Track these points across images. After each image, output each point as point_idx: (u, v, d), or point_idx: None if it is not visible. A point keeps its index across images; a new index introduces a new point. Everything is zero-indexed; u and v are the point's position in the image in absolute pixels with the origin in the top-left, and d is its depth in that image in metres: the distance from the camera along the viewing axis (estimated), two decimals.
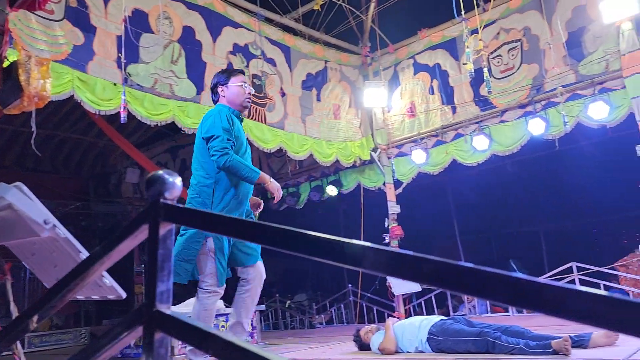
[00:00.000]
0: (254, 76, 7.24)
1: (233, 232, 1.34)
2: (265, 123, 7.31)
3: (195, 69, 6.52)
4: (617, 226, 13.03)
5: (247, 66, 7.21)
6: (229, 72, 3.66)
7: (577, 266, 7.44)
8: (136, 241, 1.21)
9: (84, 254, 2.15)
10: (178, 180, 1.15)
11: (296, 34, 8.25)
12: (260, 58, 7.34)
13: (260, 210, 3.81)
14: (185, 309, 5.67)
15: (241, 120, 3.62)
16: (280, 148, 7.54)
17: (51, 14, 5.29)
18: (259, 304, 8.92)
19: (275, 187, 3.60)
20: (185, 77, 6.41)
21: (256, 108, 7.20)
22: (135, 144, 9.54)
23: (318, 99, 8.30)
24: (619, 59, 6.69)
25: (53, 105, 8.19)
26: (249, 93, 3.65)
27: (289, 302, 11.93)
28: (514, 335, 3.65)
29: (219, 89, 3.58)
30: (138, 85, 5.88)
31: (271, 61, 7.60)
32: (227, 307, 6.31)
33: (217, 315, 5.73)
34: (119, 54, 5.68)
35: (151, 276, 1.08)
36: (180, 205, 1.15)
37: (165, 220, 1.11)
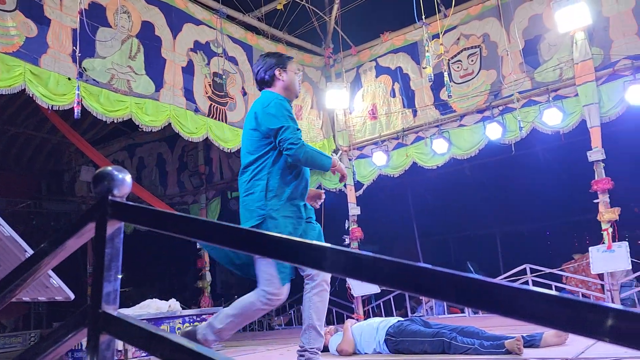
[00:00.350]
0: (215, 74, 7.14)
1: (187, 232, 1.30)
2: (226, 122, 7.22)
3: (154, 66, 6.39)
4: (569, 229, 13.48)
5: (208, 64, 7.11)
6: (285, 57, 3.30)
7: (530, 268, 7.64)
8: (82, 240, 1.16)
9: (30, 253, 2.05)
10: (128, 177, 1.10)
11: (259, 33, 8.19)
12: (221, 56, 7.25)
13: (321, 201, 3.41)
14: (140, 311, 5.53)
15: None
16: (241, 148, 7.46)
17: (2, 4, 5.08)
18: (215, 305, 8.81)
19: (343, 167, 3.23)
20: (143, 73, 6.26)
21: (217, 107, 7.10)
22: (90, 141, 9.27)
23: None
24: (572, 67, 6.92)
25: (3, 100, 7.88)
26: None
27: None
28: (469, 335, 3.71)
29: (277, 73, 3.18)
30: (94, 80, 5.71)
31: (233, 60, 7.52)
32: (183, 308, 6.19)
33: (173, 317, 5.61)
34: (74, 48, 5.51)
35: (97, 276, 1.03)
36: (130, 203, 1.10)
37: (113, 219, 1.07)
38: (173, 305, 5.76)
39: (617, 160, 6.97)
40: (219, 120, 7.11)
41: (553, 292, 0.67)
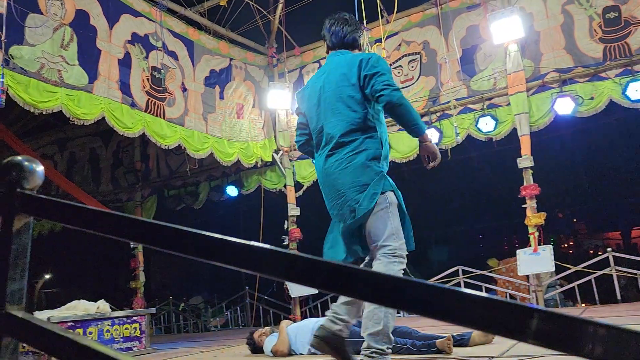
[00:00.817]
0: (154, 69, 6.93)
1: (106, 229, 1.22)
2: (164, 118, 7.02)
3: (88, 56, 6.12)
4: (500, 232, 14.08)
5: (147, 58, 6.89)
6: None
7: (462, 269, 7.89)
8: None
9: None
10: (39, 168, 1.03)
11: (201, 29, 8.03)
12: (160, 50, 7.05)
13: (435, 164, 2.88)
14: (65, 313, 5.26)
15: None
16: (180, 145, 7.28)
17: None
18: (148, 306, 8.55)
19: (435, 147, 2.81)
20: (76, 63, 5.99)
21: (154, 102, 6.89)
22: (17, 133, 8.76)
23: (221, 97, 8.12)
24: (505, 77, 7.21)
25: None
26: None
27: (182, 304, 11.54)
28: (402, 335, 3.77)
29: (359, 38, 2.98)
30: (22, 68, 5.40)
31: (173, 54, 7.33)
32: (113, 309, 5.96)
33: (101, 319, 5.39)
34: (0, 33, 5.18)
35: (2, 274, 0.96)
36: (42, 196, 1.03)
37: (21, 213, 0.99)
38: (102, 306, 5.52)
39: (544, 167, 7.33)
40: (156, 115, 6.91)
41: (477, 293, 0.67)
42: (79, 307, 5.37)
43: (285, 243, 8.68)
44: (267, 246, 0.87)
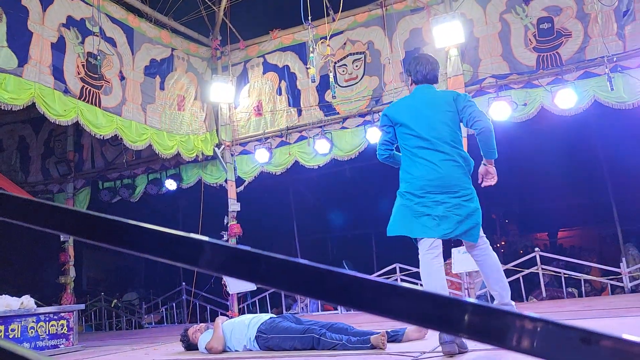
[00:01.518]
0: (90, 55, 6.64)
1: (29, 219, 1.14)
2: (99, 107, 6.74)
3: (18, 38, 5.78)
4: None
5: (83, 43, 6.60)
6: None
7: (399, 267, 8.05)
8: None
9: None
10: None
11: (142, 16, 7.77)
12: (97, 36, 6.75)
13: (489, 184, 3.63)
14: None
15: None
16: (116, 135, 7.02)
17: None
18: (79, 302, 8.20)
19: (495, 171, 3.63)
20: (5, 45, 5.65)
21: (90, 89, 6.61)
22: None
23: (162, 88, 7.90)
24: (445, 81, 7.41)
25: None
26: None
27: (115, 301, 11.15)
28: (338, 331, 3.80)
29: None
30: None
31: (110, 41, 7.05)
32: (40, 305, 5.67)
33: (25, 316, 5.11)
34: None
35: None
36: None
37: None
38: (26, 302, 5.24)
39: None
40: (91, 104, 6.62)
41: (410, 286, 0.66)
42: (1, 303, 5.07)
43: (224, 238, 8.56)
44: (205, 238, 0.84)
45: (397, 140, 3.53)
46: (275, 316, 4.23)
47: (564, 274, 7.18)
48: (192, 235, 0.86)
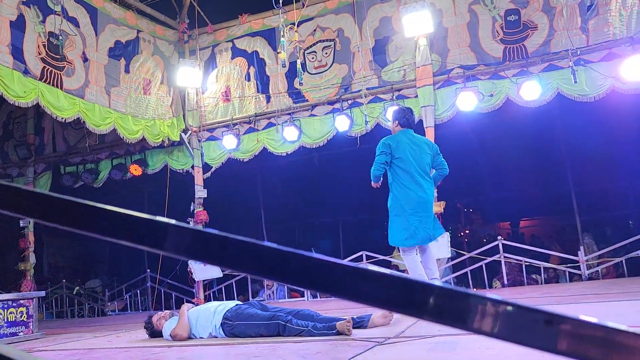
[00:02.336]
0: (51, 34, 6.42)
1: None
2: (61, 89, 6.53)
3: None
4: None
5: (44, 22, 6.36)
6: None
7: (366, 255, 8.13)
8: None
9: None
10: None
11: None
12: (59, 15, 6.52)
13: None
14: None
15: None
16: (79, 118, 6.82)
17: None
18: (39, 289, 8.00)
19: None
20: None
21: (51, 70, 6.39)
22: None
23: (127, 70, 7.70)
24: (414, 70, 7.46)
25: None
26: None
27: (77, 288, 10.92)
28: (304, 318, 3.81)
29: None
30: None
31: (73, 20, 6.82)
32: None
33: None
34: None
35: None
36: None
37: None
38: None
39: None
40: (53, 85, 6.41)
41: (377, 269, 0.66)
42: None
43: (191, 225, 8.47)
44: (172, 221, 0.82)
45: (394, 162, 4.75)
46: (241, 303, 4.21)
47: (525, 262, 7.37)
48: (158, 218, 0.84)
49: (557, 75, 6.82)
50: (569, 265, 7.46)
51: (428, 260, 4.81)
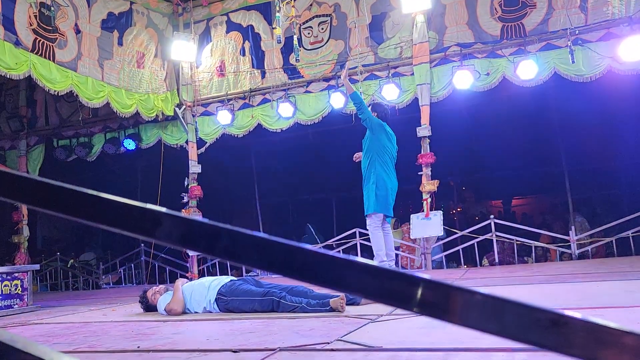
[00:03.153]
0: (42, 5, 6.30)
1: None
2: (53, 61, 6.45)
3: None
4: (396, 197, 14.73)
5: None
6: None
7: (359, 232, 8.18)
8: None
9: None
10: None
11: None
12: None
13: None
14: None
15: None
16: (72, 91, 6.75)
17: None
18: (33, 262, 8.03)
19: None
20: None
21: (43, 42, 6.29)
22: None
23: (120, 43, 7.60)
24: (411, 47, 7.40)
25: None
26: None
27: (72, 261, 10.96)
28: (298, 294, 3.85)
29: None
30: None
31: None
32: None
33: None
34: None
35: None
36: None
37: None
38: None
39: (441, 138, 7.69)
40: (45, 57, 6.33)
41: (365, 261, 0.67)
42: None
43: (185, 200, 8.48)
44: (163, 209, 0.83)
45: (374, 146, 5.66)
46: (235, 279, 4.25)
47: (517, 241, 7.45)
48: (150, 206, 0.84)
49: (554, 55, 6.80)
50: (559, 244, 7.55)
51: (388, 239, 5.75)
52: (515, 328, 0.54)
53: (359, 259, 0.68)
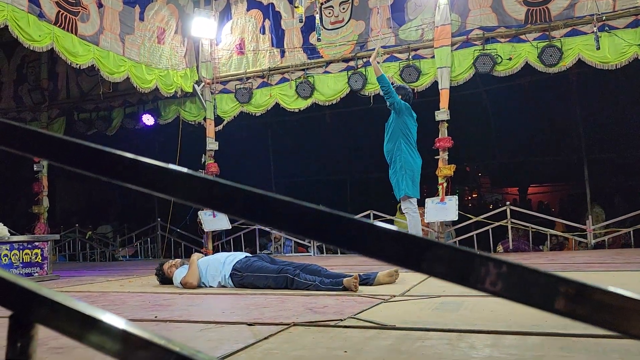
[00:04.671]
0: None
1: (12, 143, 1.12)
2: (76, 34, 6.49)
3: None
4: None
5: None
6: None
7: (374, 214, 8.20)
8: None
9: None
10: None
11: None
12: None
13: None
14: None
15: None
16: (93, 65, 6.80)
17: None
18: (52, 233, 8.18)
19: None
20: None
21: (66, 15, 6.33)
22: None
23: (141, 18, 7.61)
24: (432, 30, 7.31)
25: None
26: None
27: (90, 233, 11.16)
28: (311, 273, 3.90)
29: None
30: None
31: None
32: (12, 233, 5.66)
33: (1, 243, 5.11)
34: None
35: None
36: None
37: None
38: (0, 229, 5.22)
39: (459, 122, 7.63)
40: (68, 31, 6.37)
41: (387, 226, 0.68)
42: None
43: None
44: (184, 170, 0.86)
45: (401, 129, 5.83)
46: (250, 255, 4.31)
47: (532, 228, 7.41)
48: (172, 166, 0.86)
49: (579, 41, 6.67)
50: (575, 233, 7.50)
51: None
52: (541, 297, 0.56)
53: (380, 223, 0.69)
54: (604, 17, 6.49)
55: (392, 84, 5.96)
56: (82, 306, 0.66)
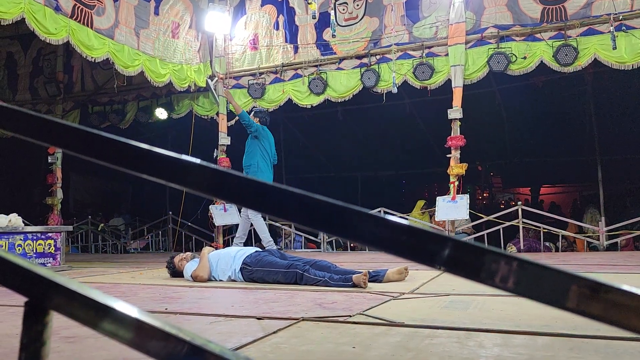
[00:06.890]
0: None
1: (30, 132, 1.13)
2: (91, 28, 6.53)
3: None
4: (421, 179, 14.64)
5: None
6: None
7: (384, 211, 8.19)
8: None
9: None
10: None
11: None
12: None
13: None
14: None
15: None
16: (108, 59, 6.85)
17: None
18: (65, 224, 8.28)
19: None
20: None
21: (82, 8, 6.38)
22: None
23: (156, 13, 7.65)
24: (447, 27, 7.27)
25: None
26: None
27: (102, 225, 11.26)
28: (321, 269, 3.91)
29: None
30: None
31: None
32: (26, 224, 5.73)
33: (13, 233, 5.17)
34: None
35: None
36: None
37: None
38: (14, 220, 5.28)
39: (471, 120, 7.59)
40: (83, 24, 6.41)
41: (398, 220, 0.69)
42: None
43: None
44: (197, 160, 0.87)
45: (261, 148, 6.74)
46: (260, 250, 4.33)
47: (544, 229, 7.36)
48: (184, 156, 0.88)
49: (595, 40, 6.59)
50: (587, 235, 7.43)
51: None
52: (553, 295, 0.56)
53: (390, 217, 0.70)
54: (621, 17, 6.41)
55: (250, 110, 7.05)
56: (96, 294, 0.68)
